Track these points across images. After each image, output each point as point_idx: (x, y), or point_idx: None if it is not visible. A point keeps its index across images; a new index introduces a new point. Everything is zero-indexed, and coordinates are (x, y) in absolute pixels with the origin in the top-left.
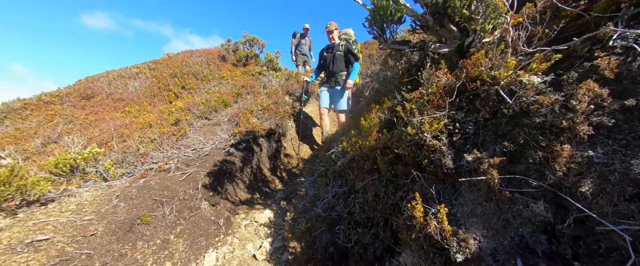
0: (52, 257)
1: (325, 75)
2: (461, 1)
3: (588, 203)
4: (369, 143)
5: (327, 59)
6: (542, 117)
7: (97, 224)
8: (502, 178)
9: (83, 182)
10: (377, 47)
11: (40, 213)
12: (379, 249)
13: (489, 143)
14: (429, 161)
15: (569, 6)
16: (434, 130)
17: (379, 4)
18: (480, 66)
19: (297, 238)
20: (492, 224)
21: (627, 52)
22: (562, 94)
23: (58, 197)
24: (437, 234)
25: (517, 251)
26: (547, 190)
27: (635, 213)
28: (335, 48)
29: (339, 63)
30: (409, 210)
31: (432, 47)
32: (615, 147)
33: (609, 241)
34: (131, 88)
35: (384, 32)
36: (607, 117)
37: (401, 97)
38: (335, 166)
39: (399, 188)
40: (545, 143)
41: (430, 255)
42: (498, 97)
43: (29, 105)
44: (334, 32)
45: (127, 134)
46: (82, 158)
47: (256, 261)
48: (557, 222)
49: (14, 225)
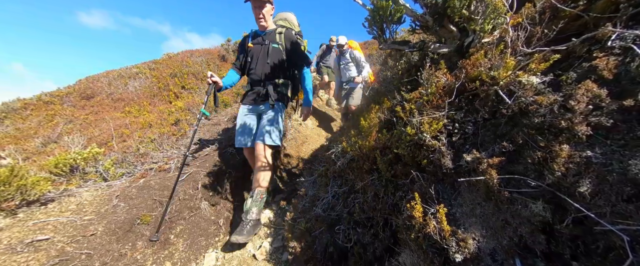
0: (52, 257)
1: (248, 82)
2: (461, 1)
3: (586, 203)
4: (368, 143)
5: (253, 54)
6: (540, 117)
7: (97, 224)
8: (501, 178)
9: (83, 181)
10: (377, 47)
11: (40, 213)
12: (379, 249)
13: (488, 143)
14: (429, 161)
15: (568, 7)
16: (433, 130)
17: (379, 4)
18: (479, 66)
19: (297, 238)
20: (491, 224)
21: (625, 52)
22: (560, 94)
23: (58, 196)
24: (436, 234)
25: (515, 251)
26: (546, 190)
27: (633, 213)
28: (269, 37)
29: (274, 63)
30: (408, 210)
31: (431, 47)
32: (613, 147)
33: (607, 241)
34: (131, 88)
35: (383, 32)
36: (606, 118)
37: (401, 97)
38: (335, 166)
39: (398, 188)
40: (544, 144)
41: (429, 254)
42: (497, 97)
43: (29, 105)
44: (266, 6)
45: (127, 134)
46: (82, 158)
47: (256, 261)
48: (556, 222)
49: (13, 225)
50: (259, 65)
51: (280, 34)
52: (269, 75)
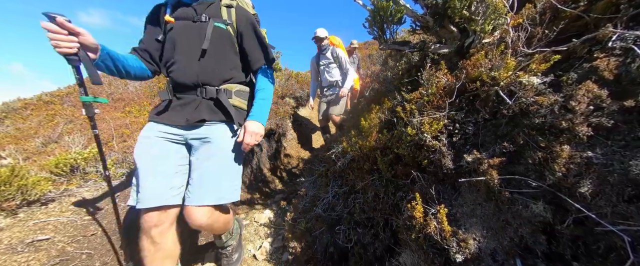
0: (53, 257)
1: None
2: (461, 2)
3: (587, 203)
4: (369, 143)
5: (176, 36)
6: (541, 117)
7: (98, 224)
8: (502, 178)
9: (83, 182)
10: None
11: (40, 213)
12: (379, 249)
13: (489, 143)
14: (429, 161)
15: (569, 7)
16: (433, 131)
17: (379, 5)
18: (480, 67)
19: (297, 238)
20: (492, 224)
21: (626, 53)
22: (561, 95)
23: (58, 196)
24: (436, 234)
25: (516, 252)
26: (547, 190)
27: (634, 213)
28: (206, 9)
29: (218, 53)
30: (408, 210)
31: (432, 47)
32: (614, 148)
33: (608, 242)
34: (131, 88)
35: (384, 32)
36: (606, 118)
37: (401, 97)
38: (335, 166)
39: (398, 188)
40: (544, 144)
41: (429, 255)
42: (498, 97)
43: (30, 105)
44: None
45: (128, 134)
46: (82, 158)
47: (256, 261)
48: (557, 223)
49: (14, 225)
50: (189, 55)
51: (228, 8)
52: (210, 74)
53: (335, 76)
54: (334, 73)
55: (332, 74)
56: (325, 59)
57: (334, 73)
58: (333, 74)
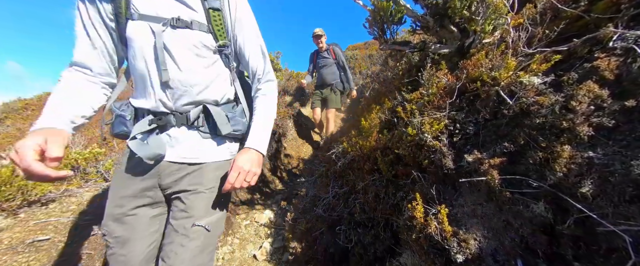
0: (53, 257)
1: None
2: (461, 2)
3: (588, 204)
4: (369, 143)
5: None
6: (542, 117)
7: (98, 224)
8: (503, 178)
9: (84, 182)
10: (378, 48)
11: (41, 213)
12: (380, 249)
13: (489, 143)
14: (430, 161)
15: (569, 7)
16: (434, 131)
17: (379, 5)
18: (480, 67)
19: (298, 239)
20: (493, 224)
21: (627, 53)
22: (562, 95)
23: (59, 197)
24: (437, 234)
25: (517, 252)
26: (548, 190)
27: (635, 214)
28: None
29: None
30: (409, 210)
31: (432, 47)
32: (615, 148)
33: (609, 242)
34: None
35: (384, 32)
36: (607, 118)
37: (401, 97)
38: (335, 166)
39: (399, 188)
40: (545, 144)
41: (430, 255)
42: (498, 97)
43: (30, 105)
44: None
45: None
46: (82, 159)
47: (256, 262)
48: (558, 223)
49: (15, 225)
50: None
51: None
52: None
53: (335, 76)
54: (335, 73)
55: (333, 74)
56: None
57: (335, 74)
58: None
